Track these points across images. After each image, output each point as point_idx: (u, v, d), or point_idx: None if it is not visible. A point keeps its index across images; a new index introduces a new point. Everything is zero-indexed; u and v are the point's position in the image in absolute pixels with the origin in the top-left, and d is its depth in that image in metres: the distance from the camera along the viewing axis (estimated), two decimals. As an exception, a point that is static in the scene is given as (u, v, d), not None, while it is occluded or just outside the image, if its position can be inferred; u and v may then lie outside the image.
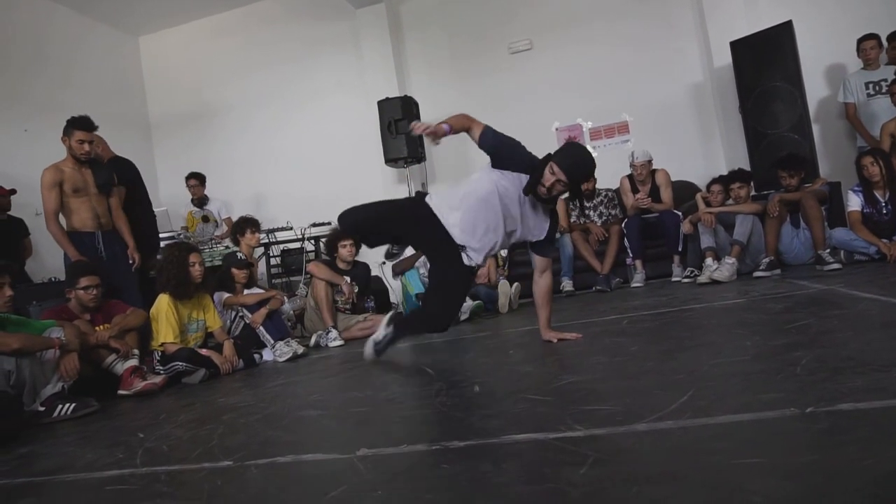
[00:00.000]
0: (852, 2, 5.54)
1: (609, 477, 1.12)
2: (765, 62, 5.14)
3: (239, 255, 4.24)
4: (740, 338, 2.25)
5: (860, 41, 5.02)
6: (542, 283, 2.78)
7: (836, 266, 3.89)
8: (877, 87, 4.95)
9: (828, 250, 4.03)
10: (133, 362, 3.25)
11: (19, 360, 2.74)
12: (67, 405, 2.76)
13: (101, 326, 3.39)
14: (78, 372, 2.91)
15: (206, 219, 6.09)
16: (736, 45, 5.32)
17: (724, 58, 5.53)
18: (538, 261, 2.79)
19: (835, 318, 2.30)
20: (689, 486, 1.02)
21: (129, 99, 7.43)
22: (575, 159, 2.46)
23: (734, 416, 1.33)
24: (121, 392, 3.14)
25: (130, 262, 4.09)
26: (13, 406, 2.58)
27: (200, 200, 6.18)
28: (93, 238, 3.94)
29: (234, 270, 4.09)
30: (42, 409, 2.75)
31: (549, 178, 2.42)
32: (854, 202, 4.15)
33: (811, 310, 2.55)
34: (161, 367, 3.40)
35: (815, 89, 5.54)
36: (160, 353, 3.47)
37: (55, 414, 2.73)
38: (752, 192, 4.74)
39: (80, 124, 3.89)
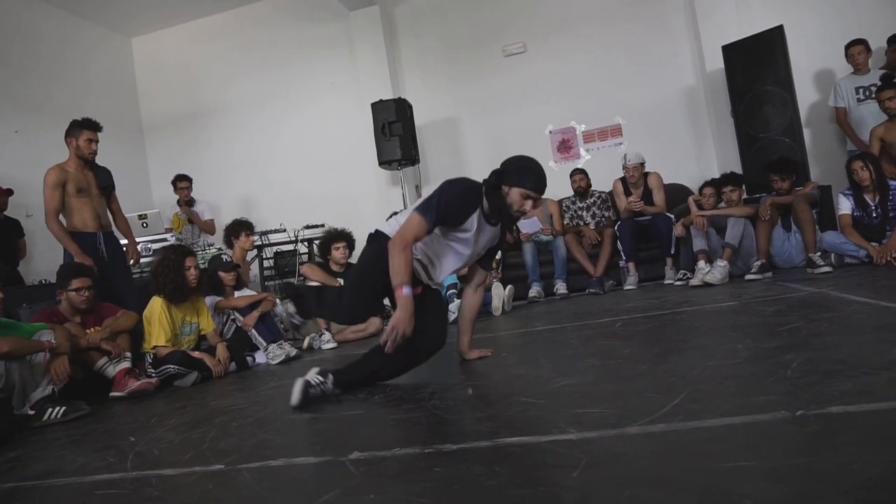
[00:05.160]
0: (843, 7, 5.59)
1: (601, 480, 1.13)
2: (756, 66, 5.17)
3: (224, 257, 4.22)
4: (732, 340, 2.26)
5: (848, 46, 5.06)
6: (476, 299, 2.65)
7: (826, 269, 3.92)
8: (867, 92, 4.98)
9: (818, 253, 4.06)
10: (125, 364, 3.23)
11: (9, 363, 2.72)
12: (57, 409, 2.74)
13: (93, 329, 3.37)
14: (68, 375, 2.89)
15: (191, 220, 6.08)
16: (728, 50, 5.35)
17: (717, 62, 5.56)
18: (479, 274, 2.64)
19: (825, 321, 2.31)
20: (681, 489, 1.03)
21: (121, 100, 7.39)
22: (537, 173, 2.34)
23: (726, 419, 1.34)
24: (113, 394, 3.12)
25: (131, 260, 4.08)
26: (2, 410, 2.56)
27: (188, 202, 6.17)
28: (94, 238, 3.92)
29: (221, 274, 4.06)
30: (32, 412, 2.73)
31: (523, 202, 2.30)
32: (844, 206, 4.18)
33: (802, 313, 2.56)
34: (153, 370, 3.39)
35: (806, 94, 5.59)
36: (152, 356, 3.45)
37: (45, 417, 2.71)
38: (744, 196, 4.77)
39: (88, 125, 3.89)
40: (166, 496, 1.46)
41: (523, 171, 2.32)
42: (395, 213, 2.72)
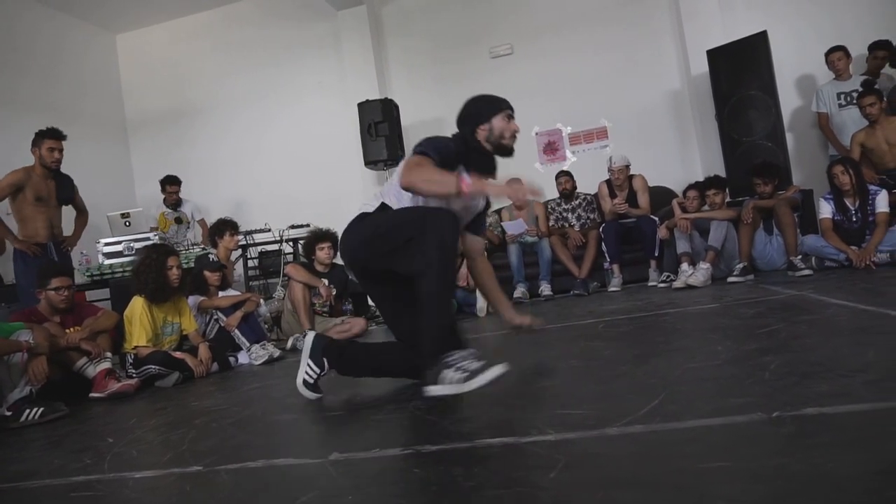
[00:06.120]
0: (825, 14, 5.67)
1: (578, 481, 1.13)
2: (741, 71, 5.23)
3: (211, 257, 4.19)
4: (713, 342, 2.28)
5: (827, 53, 5.13)
6: (485, 264, 2.50)
7: (807, 272, 3.97)
8: (848, 98, 5.05)
9: (799, 256, 4.11)
10: (106, 365, 3.19)
11: (-14, 363, 2.68)
12: (35, 410, 2.70)
13: (72, 329, 3.33)
14: (46, 375, 2.85)
15: (178, 220, 6.02)
16: (713, 54, 5.40)
17: (702, 66, 5.61)
18: (476, 241, 2.44)
19: (804, 324, 2.33)
20: (658, 490, 1.03)
21: (105, 98, 7.31)
22: (495, 95, 2.26)
23: (703, 421, 1.35)
24: (93, 395, 3.08)
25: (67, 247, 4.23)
26: (-22, 410, 2.52)
27: (175, 204, 6.11)
28: (45, 249, 4.02)
29: (207, 273, 4.03)
30: (9, 413, 2.69)
31: (509, 123, 2.18)
32: (825, 210, 4.24)
33: (782, 315, 2.59)
34: (134, 371, 3.35)
35: (789, 99, 5.66)
36: (133, 357, 3.42)
37: (22, 419, 2.67)
38: (727, 199, 4.82)
39: (50, 134, 3.99)
40: (143, 498, 1.44)
41: (486, 101, 2.24)
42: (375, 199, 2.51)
